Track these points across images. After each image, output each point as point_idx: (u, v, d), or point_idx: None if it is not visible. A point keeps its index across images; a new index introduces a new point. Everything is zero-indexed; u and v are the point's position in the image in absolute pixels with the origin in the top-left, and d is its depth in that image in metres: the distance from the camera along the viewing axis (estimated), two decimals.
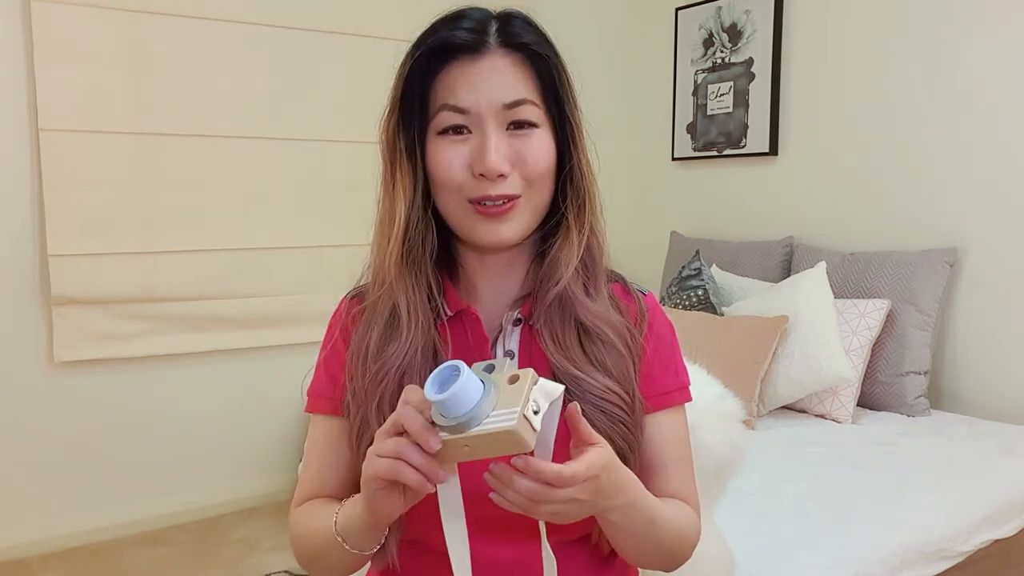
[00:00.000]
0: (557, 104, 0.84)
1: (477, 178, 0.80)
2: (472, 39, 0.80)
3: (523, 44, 0.81)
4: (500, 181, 0.79)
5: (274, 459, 3.02)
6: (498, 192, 0.80)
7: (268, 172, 2.91)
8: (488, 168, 0.78)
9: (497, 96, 0.79)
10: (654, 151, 3.61)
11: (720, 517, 1.41)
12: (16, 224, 2.55)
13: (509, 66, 0.81)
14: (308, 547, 0.86)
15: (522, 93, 0.81)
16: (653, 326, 0.90)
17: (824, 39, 2.94)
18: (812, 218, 3.01)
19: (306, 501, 0.90)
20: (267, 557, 2.57)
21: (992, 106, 2.50)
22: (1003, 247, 2.49)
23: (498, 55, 0.80)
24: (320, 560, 0.85)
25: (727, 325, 2.59)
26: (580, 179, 0.85)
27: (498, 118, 0.80)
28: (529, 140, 0.81)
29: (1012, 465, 2.05)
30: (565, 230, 0.85)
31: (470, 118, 0.80)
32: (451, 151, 0.80)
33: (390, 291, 0.84)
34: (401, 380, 0.81)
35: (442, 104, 0.80)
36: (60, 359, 2.61)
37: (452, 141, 0.80)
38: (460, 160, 0.80)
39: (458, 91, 0.80)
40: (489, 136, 0.79)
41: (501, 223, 0.81)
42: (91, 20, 2.56)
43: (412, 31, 0.84)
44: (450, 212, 0.83)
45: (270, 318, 2.96)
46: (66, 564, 2.56)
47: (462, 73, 0.80)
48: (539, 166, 0.82)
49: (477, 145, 0.80)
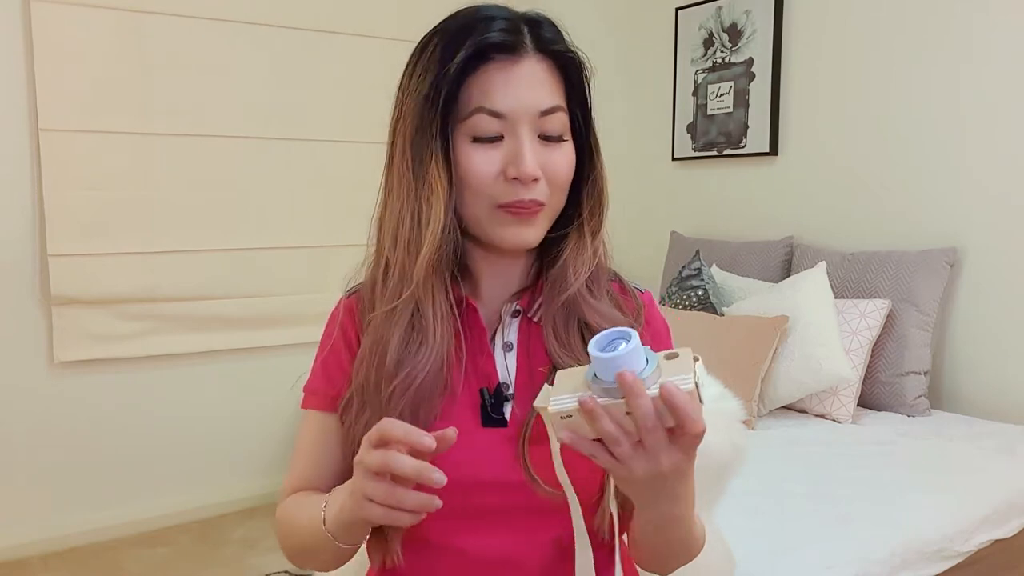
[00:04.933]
0: (582, 112, 0.84)
1: (510, 181, 0.79)
2: (510, 40, 0.79)
3: (557, 51, 0.81)
4: (533, 186, 0.80)
5: (274, 459, 3.02)
6: (530, 197, 0.80)
7: (268, 172, 2.91)
8: (524, 173, 0.78)
9: (534, 102, 0.79)
10: (654, 151, 3.60)
11: (720, 517, 1.41)
12: (16, 224, 2.55)
13: (545, 72, 0.80)
14: (295, 540, 0.85)
15: (556, 100, 0.81)
16: (650, 322, 0.91)
17: (824, 39, 2.93)
18: (812, 218, 3.01)
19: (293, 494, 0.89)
20: (267, 557, 2.57)
21: (992, 106, 2.50)
22: (1003, 247, 2.49)
23: (534, 59, 0.80)
24: (308, 553, 0.85)
25: (727, 325, 2.59)
26: (601, 189, 0.86)
27: (532, 124, 0.80)
28: (557, 151, 0.81)
29: (1012, 465, 2.05)
30: (579, 237, 0.86)
31: (505, 123, 0.79)
32: (485, 157, 0.80)
33: (415, 294, 0.82)
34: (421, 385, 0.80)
35: (478, 106, 0.79)
36: (60, 359, 2.61)
37: (485, 148, 0.80)
38: (494, 166, 0.80)
39: (495, 95, 0.79)
40: (524, 141, 0.79)
41: (528, 226, 0.81)
42: (91, 20, 2.56)
43: (412, 31, 0.83)
44: (474, 214, 0.82)
45: (270, 318, 2.96)
46: (66, 564, 2.57)
47: (501, 76, 0.79)
48: (564, 176, 0.82)
49: (511, 150, 0.79)
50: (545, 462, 0.78)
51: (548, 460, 0.77)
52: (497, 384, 0.85)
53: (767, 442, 2.20)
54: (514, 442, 0.82)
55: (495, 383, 0.85)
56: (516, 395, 0.85)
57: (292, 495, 0.89)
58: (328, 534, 0.77)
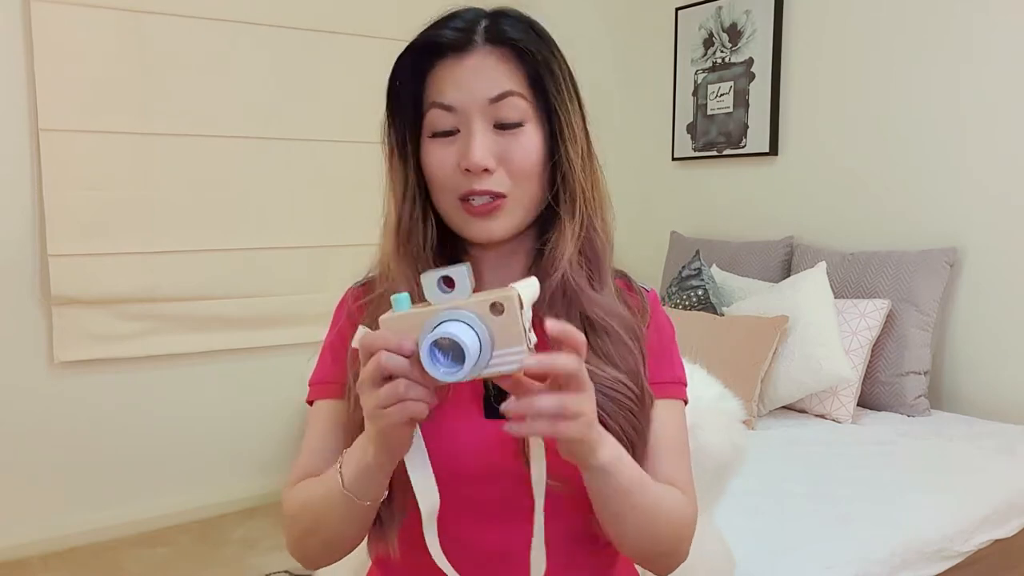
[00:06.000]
0: (545, 98, 0.84)
1: (464, 173, 0.82)
2: (458, 37, 0.82)
3: (509, 39, 0.82)
4: (485, 176, 0.81)
5: (274, 459, 3.02)
6: (483, 187, 0.81)
7: (268, 172, 2.91)
8: (472, 163, 0.80)
9: (482, 91, 0.81)
10: (654, 151, 3.61)
11: (720, 517, 1.41)
12: (16, 224, 2.55)
13: (495, 61, 0.82)
14: (307, 518, 0.84)
15: (507, 86, 0.82)
16: (655, 320, 0.92)
17: (824, 39, 2.94)
18: (812, 218, 3.01)
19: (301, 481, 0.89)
20: (267, 557, 2.57)
21: (992, 106, 2.50)
22: (1003, 247, 2.49)
23: (484, 51, 0.82)
24: (320, 529, 0.83)
25: (727, 325, 2.59)
26: (568, 172, 0.85)
27: (484, 114, 0.81)
28: (515, 139, 0.82)
29: (1012, 465, 2.05)
30: (559, 224, 0.86)
31: (458, 115, 0.82)
32: (442, 151, 0.83)
33: (392, 285, 0.84)
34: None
35: (431, 102, 0.83)
36: (60, 359, 2.61)
37: (443, 144, 0.83)
38: (451, 160, 0.82)
39: (445, 89, 0.82)
40: (474, 132, 0.81)
41: (490, 221, 0.83)
42: (91, 20, 2.56)
43: (412, 31, 0.84)
44: (443, 209, 0.86)
45: (270, 318, 2.96)
46: (66, 564, 2.56)
47: (449, 71, 0.82)
48: (524, 164, 0.83)
49: (463, 142, 0.82)
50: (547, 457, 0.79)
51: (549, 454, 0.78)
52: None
53: (767, 442, 2.20)
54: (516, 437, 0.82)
55: None
56: None
57: (300, 483, 0.89)
58: (348, 494, 0.77)
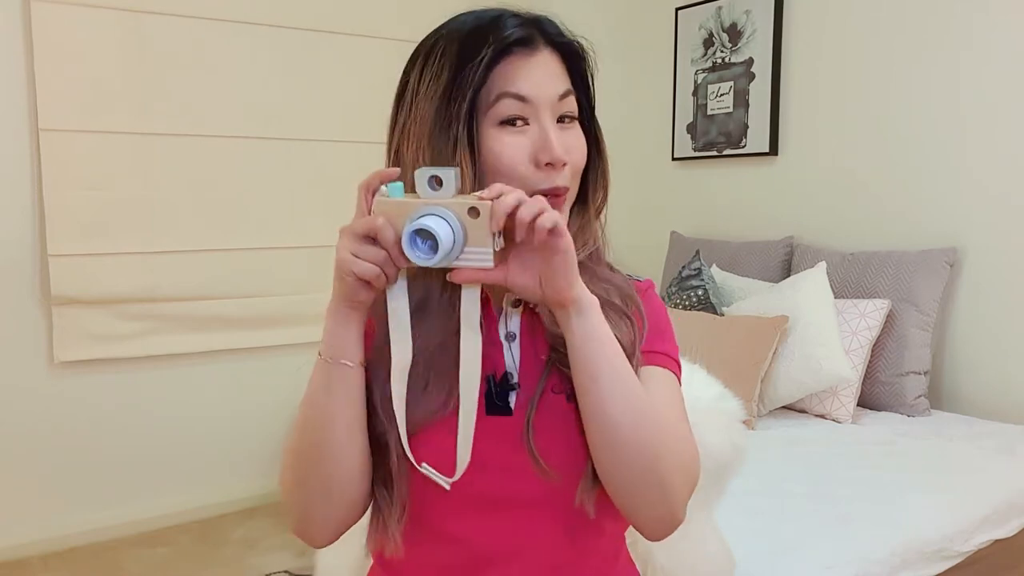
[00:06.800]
0: (587, 100, 0.89)
1: (543, 168, 0.82)
2: (526, 34, 0.84)
3: (564, 42, 0.86)
4: (563, 171, 0.83)
5: (274, 459, 3.02)
6: (562, 182, 0.83)
7: (268, 172, 2.91)
8: (556, 157, 0.81)
9: (552, 87, 0.84)
10: (654, 151, 3.61)
11: (720, 517, 1.41)
12: (16, 224, 2.55)
13: (556, 61, 0.86)
14: (301, 440, 0.82)
15: (568, 84, 0.86)
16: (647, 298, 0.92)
17: (824, 39, 2.94)
18: (812, 218, 3.01)
19: None
20: (267, 557, 2.57)
21: (992, 106, 2.50)
22: (1003, 247, 2.49)
23: (547, 51, 0.85)
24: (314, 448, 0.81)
25: (727, 325, 2.59)
26: (606, 170, 0.90)
27: (552, 109, 0.84)
28: (573, 132, 0.86)
29: (1012, 465, 2.05)
30: (582, 216, 0.89)
31: (528, 107, 0.83)
32: (513, 142, 0.83)
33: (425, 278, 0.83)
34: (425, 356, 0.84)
35: (501, 92, 0.82)
36: (60, 359, 2.61)
37: (512, 132, 0.83)
38: (523, 152, 0.82)
39: (518, 81, 0.83)
40: (548, 127, 0.83)
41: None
42: (91, 20, 2.56)
43: (412, 31, 0.84)
44: None
45: (270, 318, 2.96)
46: (66, 564, 2.57)
47: (520, 64, 0.83)
48: (582, 160, 0.87)
49: (538, 136, 0.82)
50: (548, 449, 0.80)
51: (551, 447, 0.79)
52: (504, 373, 0.85)
53: (767, 442, 2.20)
54: (517, 431, 0.82)
55: (502, 372, 0.85)
56: (521, 384, 0.85)
57: None
58: (328, 361, 0.79)
